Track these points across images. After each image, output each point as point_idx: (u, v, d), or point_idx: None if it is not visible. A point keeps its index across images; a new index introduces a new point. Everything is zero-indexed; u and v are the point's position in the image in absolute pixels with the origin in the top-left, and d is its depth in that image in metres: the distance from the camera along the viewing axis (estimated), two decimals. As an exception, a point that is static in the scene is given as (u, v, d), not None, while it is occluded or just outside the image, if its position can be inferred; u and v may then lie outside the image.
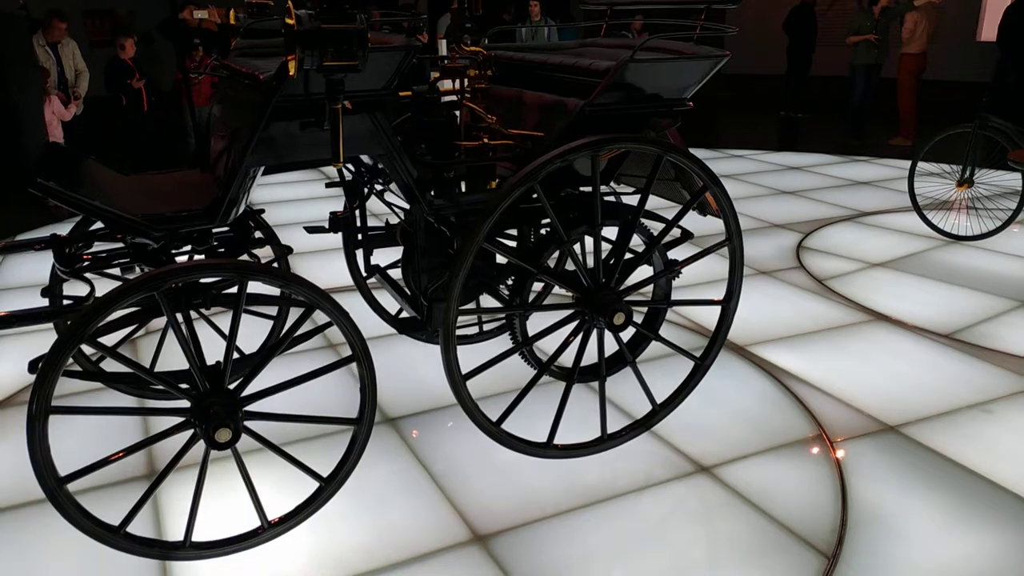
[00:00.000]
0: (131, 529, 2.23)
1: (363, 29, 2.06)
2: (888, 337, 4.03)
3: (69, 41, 7.61)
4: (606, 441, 2.89)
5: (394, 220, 3.09)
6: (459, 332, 3.54)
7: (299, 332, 2.34)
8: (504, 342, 3.78)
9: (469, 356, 3.00)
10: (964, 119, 5.60)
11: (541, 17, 9.43)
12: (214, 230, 2.52)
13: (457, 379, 2.53)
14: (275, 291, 2.60)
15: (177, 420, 2.26)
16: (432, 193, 2.56)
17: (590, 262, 2.90)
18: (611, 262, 2.74)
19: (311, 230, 3.09)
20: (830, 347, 3.91)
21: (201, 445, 2.25)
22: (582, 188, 2.90)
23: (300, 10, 2.01)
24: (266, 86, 2.20)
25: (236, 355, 2.81)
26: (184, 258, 2.85)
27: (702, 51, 2.76)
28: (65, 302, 2.77)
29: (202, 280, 2.34)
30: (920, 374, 3.63)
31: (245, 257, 2.92)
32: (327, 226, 3.11)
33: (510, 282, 2.89)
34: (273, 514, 2.42)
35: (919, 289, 4.70)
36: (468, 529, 2.62)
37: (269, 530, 2.40)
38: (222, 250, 2.67)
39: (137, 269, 2.65)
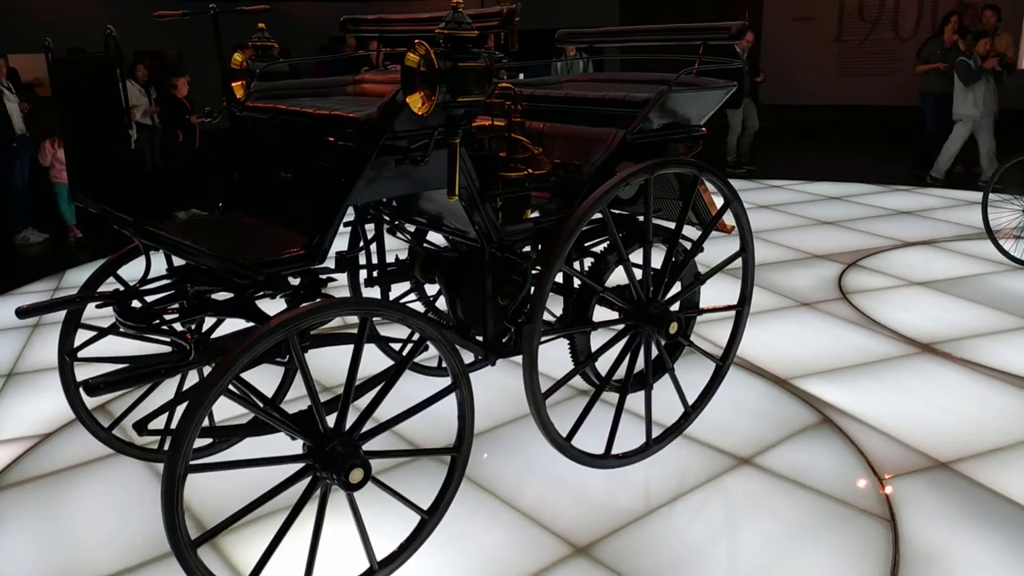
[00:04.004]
0: None
1: (489, 68, 2.12)
2: (935, 369, 3.92)
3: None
4: (652, 447, 3.05)
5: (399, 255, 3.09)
6: (422, 363, 3.68)
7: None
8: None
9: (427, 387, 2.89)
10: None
11: (576, 52, 9.47)
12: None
13: (538, 399, 2.61)
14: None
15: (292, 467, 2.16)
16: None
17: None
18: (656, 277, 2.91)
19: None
20: (874, 380, 3.81)
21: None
22: (613, 211, 3.01)
23: (434, 48, 2.05)
24: (368, 126, 2.19)
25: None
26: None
27: (719, 83, 2.96)
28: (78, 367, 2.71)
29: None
30: (968, 408, 3.52)
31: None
32: (333, 266, 3.10)
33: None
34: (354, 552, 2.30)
35: (967, 319, 4.57)
36: (565, 544, 2.63)
37: (379, 571, 2.32)
38: (303, 292, 2.56)
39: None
